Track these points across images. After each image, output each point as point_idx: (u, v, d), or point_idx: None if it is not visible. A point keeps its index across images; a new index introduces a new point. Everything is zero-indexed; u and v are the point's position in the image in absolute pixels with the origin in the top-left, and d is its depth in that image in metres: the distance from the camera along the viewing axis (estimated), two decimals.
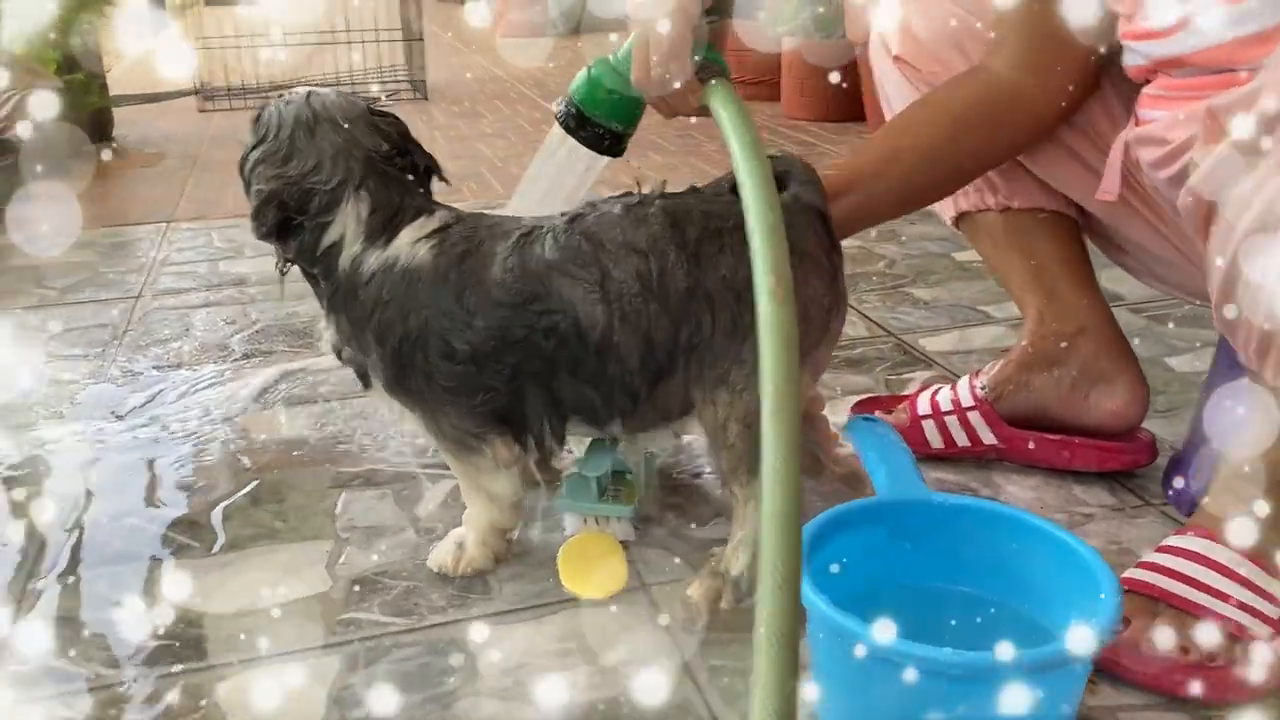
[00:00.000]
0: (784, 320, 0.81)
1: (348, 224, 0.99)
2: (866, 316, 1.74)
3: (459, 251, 0.98)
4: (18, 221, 2.33)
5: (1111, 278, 1.81)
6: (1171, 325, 1.65)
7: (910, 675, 0.69)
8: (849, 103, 3.31)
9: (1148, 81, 0.99)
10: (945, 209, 1.28)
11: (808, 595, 0.74)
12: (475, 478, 1.04)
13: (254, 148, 1.02)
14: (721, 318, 0.95)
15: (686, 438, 1.24)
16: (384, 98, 1.03)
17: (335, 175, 0.99)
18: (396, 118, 1.05)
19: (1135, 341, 1.23)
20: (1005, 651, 0.67)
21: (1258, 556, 0.90)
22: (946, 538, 0.86)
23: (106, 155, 3.13)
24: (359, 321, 1.00)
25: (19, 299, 1.93)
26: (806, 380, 1.03)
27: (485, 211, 1.05)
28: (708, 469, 1.23)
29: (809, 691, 0.84)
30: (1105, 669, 0.88)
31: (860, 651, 0.70)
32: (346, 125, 1.00)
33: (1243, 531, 0.91)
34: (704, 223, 0.96)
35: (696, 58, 1.00)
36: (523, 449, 1.04)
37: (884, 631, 0.70)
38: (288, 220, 1.00)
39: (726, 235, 0.95)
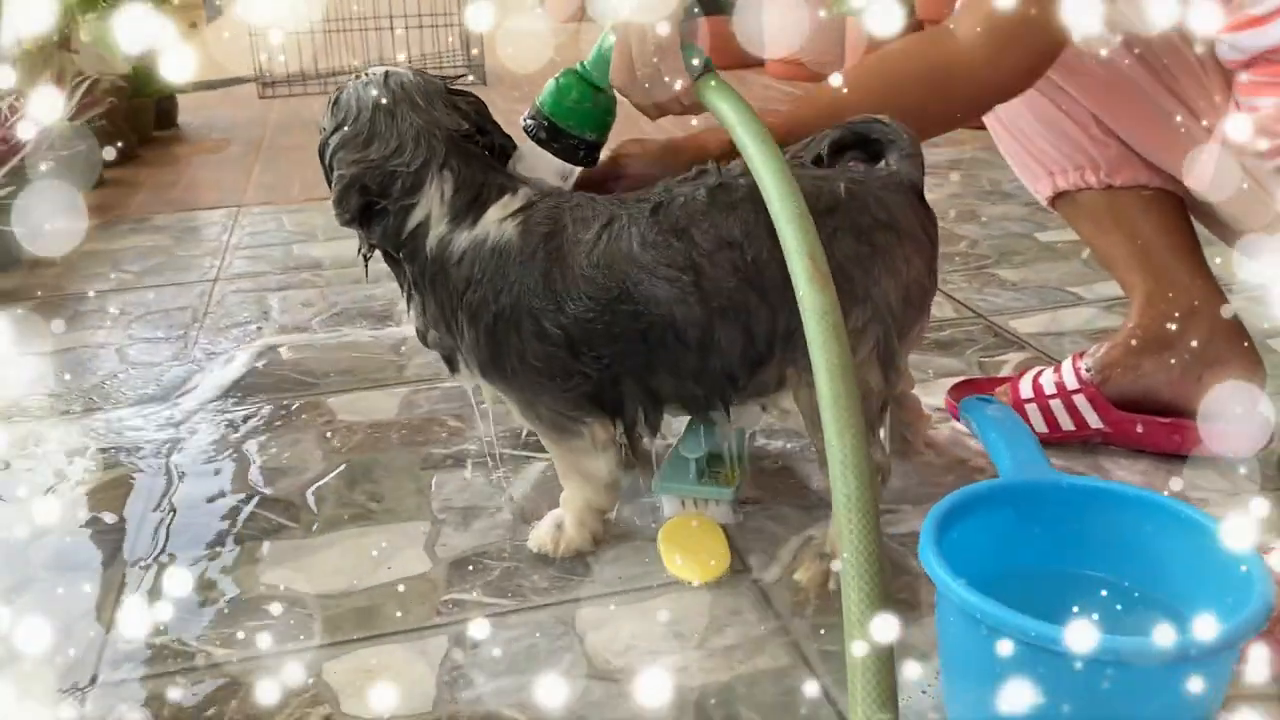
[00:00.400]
0: (827, 304, 0.80)
1: (433, 205, 0.97)
2: (953, 298, 1.70)
3: (544, 231, 0.96)
4: (93, 207, 2.37)
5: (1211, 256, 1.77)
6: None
7: (1053, 660, 0.66)
8: None
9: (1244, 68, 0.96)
10: (1042, 188, 1.24)
11: (942, 579, 0.72)
12: (572, 459, 1.03)
13: (334, 132, 1.00)
14: None
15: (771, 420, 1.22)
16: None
17: (418, 156, 0.97)
18: (475, 96, 1.03)
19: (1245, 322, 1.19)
20: (1164, 637, 0.64)
21: None
22: (1076, 521, 0.83)
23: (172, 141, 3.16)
24: (448, 302, 0.99)
25: (96, 282, 1.95)
26: (903, 361, 1.00)
27: (561, 189, 1.02)
28: (799, 446, 1.21)
29: (935, 680, 0.82)
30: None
31: (1006, 644, 0.67)
32: (426, 105, 0.98)
33: None
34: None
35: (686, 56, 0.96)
36: (614, 427, 1.03)
37: (1032, 619, 0.67)
38: (370, 204, 0.98)
39: (819, 217, 0.90)
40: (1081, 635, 0.66)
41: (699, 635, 0.92)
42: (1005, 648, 0.68)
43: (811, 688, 0.85)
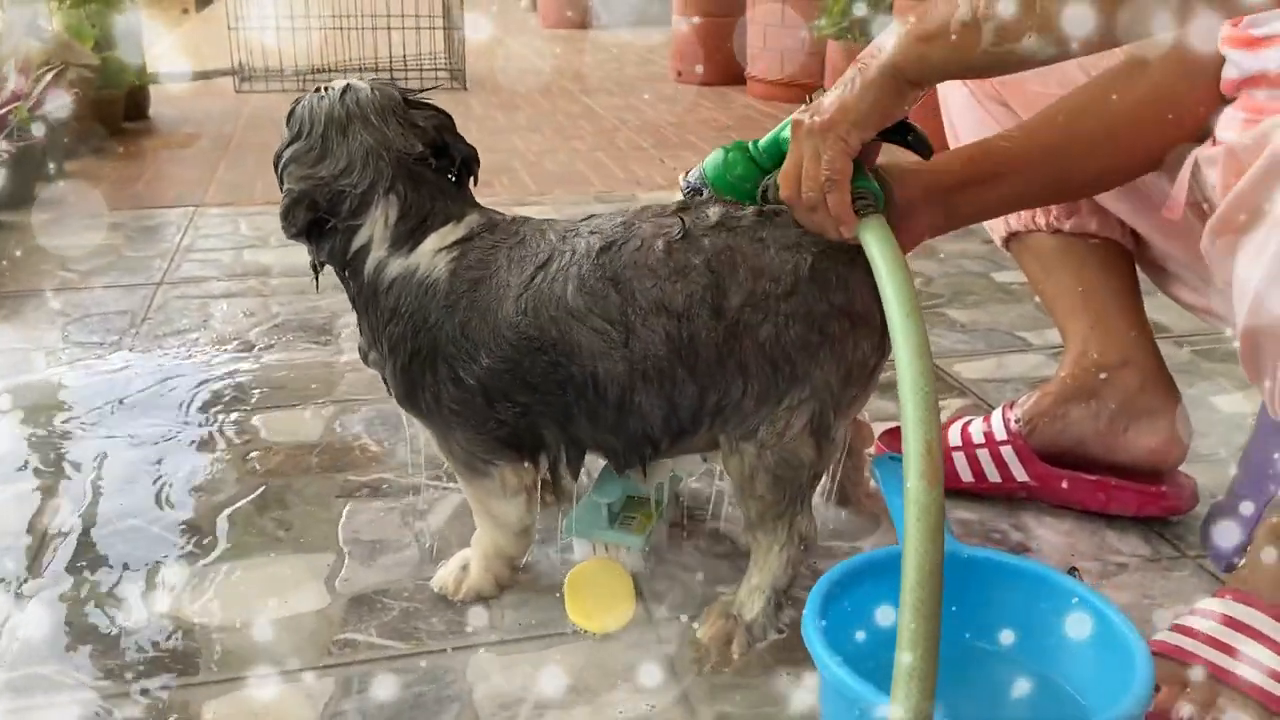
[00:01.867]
0: (933, 504, 0.72)
1: (376, 228, 0.95)
2: None
3: (473, 278, 0.93)
4: (47, 201, 2.34)
5: (1155, 306, 1.76)
6: (1219, 362, 1.59)
7: None
8: None
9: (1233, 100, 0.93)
10: (996, 227, 1.23)
11: (818, 654, 0.70)
12: (483, 500, 1.01)
13: (288, 144, 0.98)
14: (753, 386, 0.90)
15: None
16: (420, 89, 0.99)
17: (365, 178, 0.95)
18: (437, 110, 1.00)
19: (1178, 377, 1.18)
20: None
21: None
22: (973, 591, 0.82)
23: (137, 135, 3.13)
24: (376, 328, 0.97)
25: (43, 280, 1.92)
26: (839, 432, 0.97)
27: (519, 215, 1.00)
28: (728, 499, 1.19)
29: None
30: None
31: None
32: (380, 123, 0.96)
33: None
34: (751, 285, 0.89)
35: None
36: (535, 469, 1.01)
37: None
38: (320, 220, 0.97)
39: (773, 302, 0.88)
40: None
41: (591, 690, 0.90)
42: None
43: None
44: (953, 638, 0.82)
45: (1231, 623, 0.87)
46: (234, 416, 1.39)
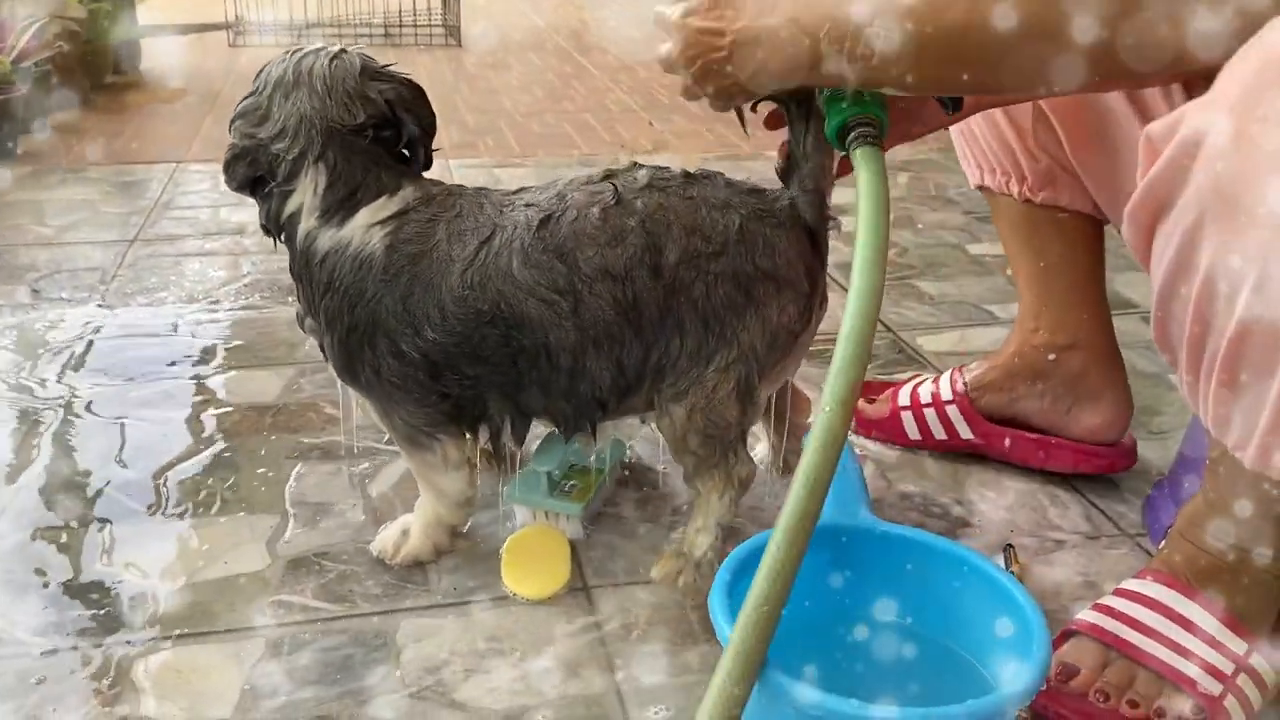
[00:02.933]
0: (836, 429, 0.72)
1: (305, 196, 0.96)
2: None
3: (412, 252, 0.93)
4: (27, 155, 2.33)
5: (1126, 282, 1.76)
6: None
7: None
8: None
9: None
10: (971, 175, 1.22)
11: (722, 629, 0.71)
12: (425, 471, 1.02)
13: (244, 99, 0.99)
14: (688, 342, 0.92)
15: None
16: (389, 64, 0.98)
17: (296, 145, 0.95)
18: (400, 83, 0.99)
19: (1142, 354, 1.18)
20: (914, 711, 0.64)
21: (1217, 607, 0.85)
22: (889, 568, 0.83)
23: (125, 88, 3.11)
24: (312, 300, 0.97)
25: (16, 234, 1.92)
26: (763, 396, 0.98)
27: (455, 186, 1.00)
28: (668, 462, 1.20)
29: None
30: (1047, 717, 0.84)
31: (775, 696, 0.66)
32: (323, 91, 0.95)
33: (1204, 579, 0.86)
34: (685, 243, 0.91)
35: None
36: (475, 440, 1.02)
37: (803, 683, 0.66)
38: (261, 180, 0.97)
39: (704, 261, 0.91)
40: (841, 702, 0.65)
41: (519, 654, 0.91)
42: (772, 705, 0.68)
43: (614, 718, 0.84)
44: (862, 614, 0.84)
45: (1152, 604, 0.87)
46: (193, 376, 1.40)
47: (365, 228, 0.94)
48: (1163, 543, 0.92)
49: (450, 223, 0.94)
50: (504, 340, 0.93)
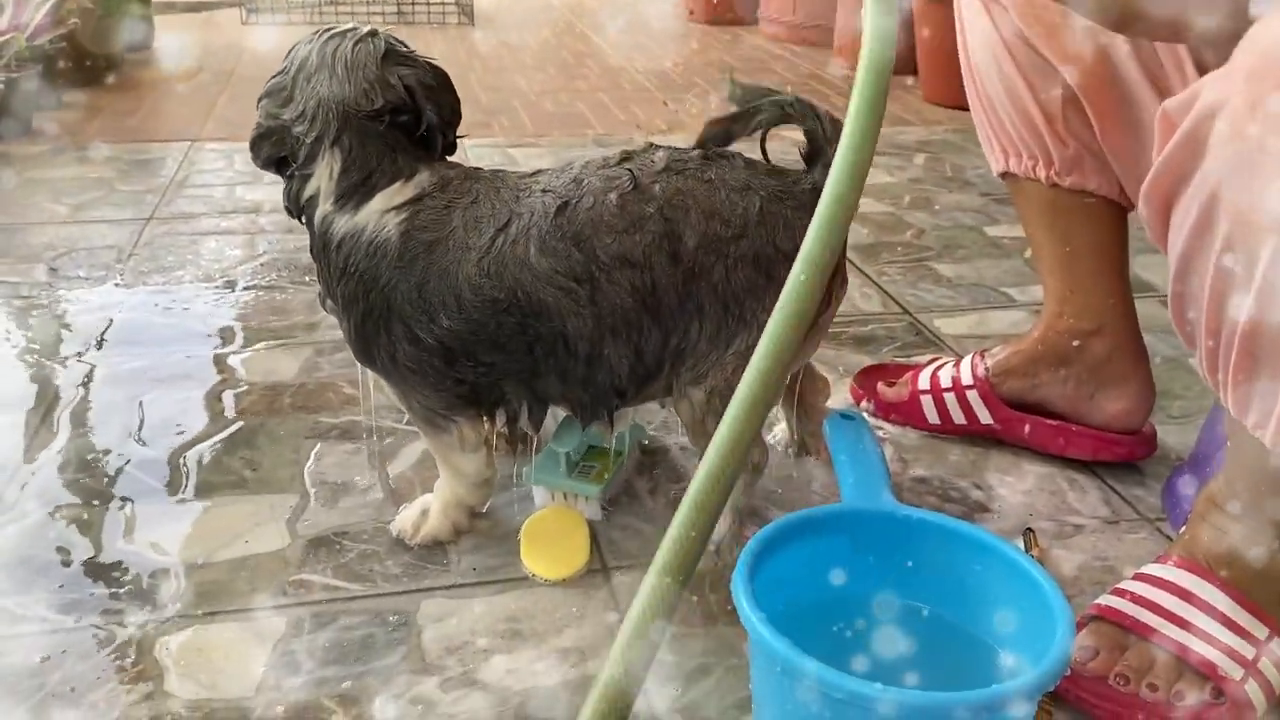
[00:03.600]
0: (788, 337, 0.70)
1: (322, 180, 0.95)
2: (884, 290, 1.68)
3: (428, 240, 0.93)
4: (42, 133, 2.33)
5: (1144, 265, 1.74)
6: None
7: (838, 707, 0.66)
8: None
9: None
10: (995, 161, 1.21)
11: (744, 611, 0.71)
12: (443, 452, 1.02)
13: (273, 77, 0.99)
14: (708, 326, 0.92)
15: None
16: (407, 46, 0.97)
17: (314, 129, 0.95)
18: (423, 69, 0.98)
19: (1162, 338, 1.18)
20: (937, 692, 0.64)
21: (1237, 591, 0.85)
22: (910, 552, 0.82)
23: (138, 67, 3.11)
24: (329, 283, 0.98)
25: (33, 212, 1.92)
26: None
27: (473, 169, 0.99)
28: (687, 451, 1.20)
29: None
30: (1066, 700, 0.84)
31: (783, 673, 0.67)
32: (344, 75, 0.95)
33: (1224, 563, 0.86)
34: (704, 228, 0.90)
35: None
36: (493, 424, 1.03)
37: (812, 660, 0.66)
38: (285, 160, 0.97)
39: (724, 245, 0.90)
40: (865, 685, 0.65)
41: (538, 635, 0.92)
42: (791, 689, 0.68)
43: (636, 703, 0.84)
44: (883, 598, 0.84)
45: (1172, 588, 0.87)
46: (212, 355, 1.40)
47: (380, 213, 0.94)
48: (1184, 527, 0.92)
49: (466, 209, 0.94)
50: (521, 328, 0.92)
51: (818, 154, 0.95)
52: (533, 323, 0.92)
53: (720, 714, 0.83)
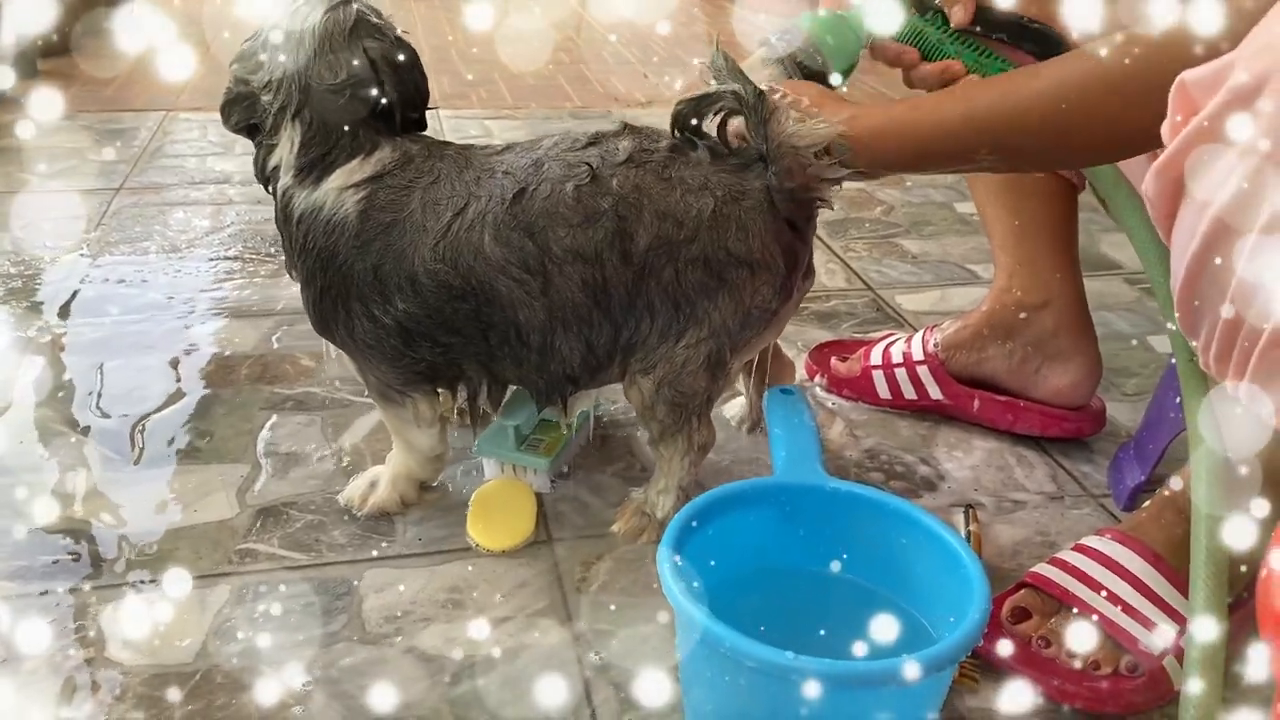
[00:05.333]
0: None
1: (284, 152, 0.95)
2: (849, 266, 1.69)
3: (386, 220, 0.93)
4: (14, 101, 2.32)
5: (1112, 243, 1.75)
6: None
7: (753, 676, 0.67)
8: None
9: None
10: None
11: (666, 582, 0.72)
12: (398, 425, 1.03)
13: (246, 40, 0.98)
14: (659, 322, 0.92)
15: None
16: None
17: (278, 100, 0.94)
18: (392, 42, 0.97)
19: (1122, 315, 1.18)
20: (841, 661, 0.65)
21: (1170, 569, 0.86)
22: (838, 525, 0.84)
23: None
24: (291, 255, 0.98)
25: (2, 182, 1.92)
26: (735, 366, 0.98)
27: (438, 144, 0.97)
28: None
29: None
30: (990, 664, 0.86)
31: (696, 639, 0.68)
32: (317, 47, 0.94)
33: (1175, 549, 0.87)
34: (657, 229, 0.89)
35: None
36: (454, 398, 1.03)
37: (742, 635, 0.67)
38: (255, 126, 0.97)
39: (675, 247, 0.90)
40: (778, 654, 0.66)
41: (478, 605, 0.93)
42: (709, 657, 0.69)
43: (570, 670, 0.86)
44: (811, 569, 0.85)
45: (1104, 560, 0.89)
46: (174, 326, 1.40)
47: (338, 190, 0.94)
48: (1147, 503, 0.93)
49: (426, 190, 0.93)
50: (475, 314, 0.93)
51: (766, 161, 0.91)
52: (486, 310, 0.92)
53: (658, 683, 0.84)
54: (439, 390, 1.02)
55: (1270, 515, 0.82)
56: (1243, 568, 0.76)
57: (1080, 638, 0.85)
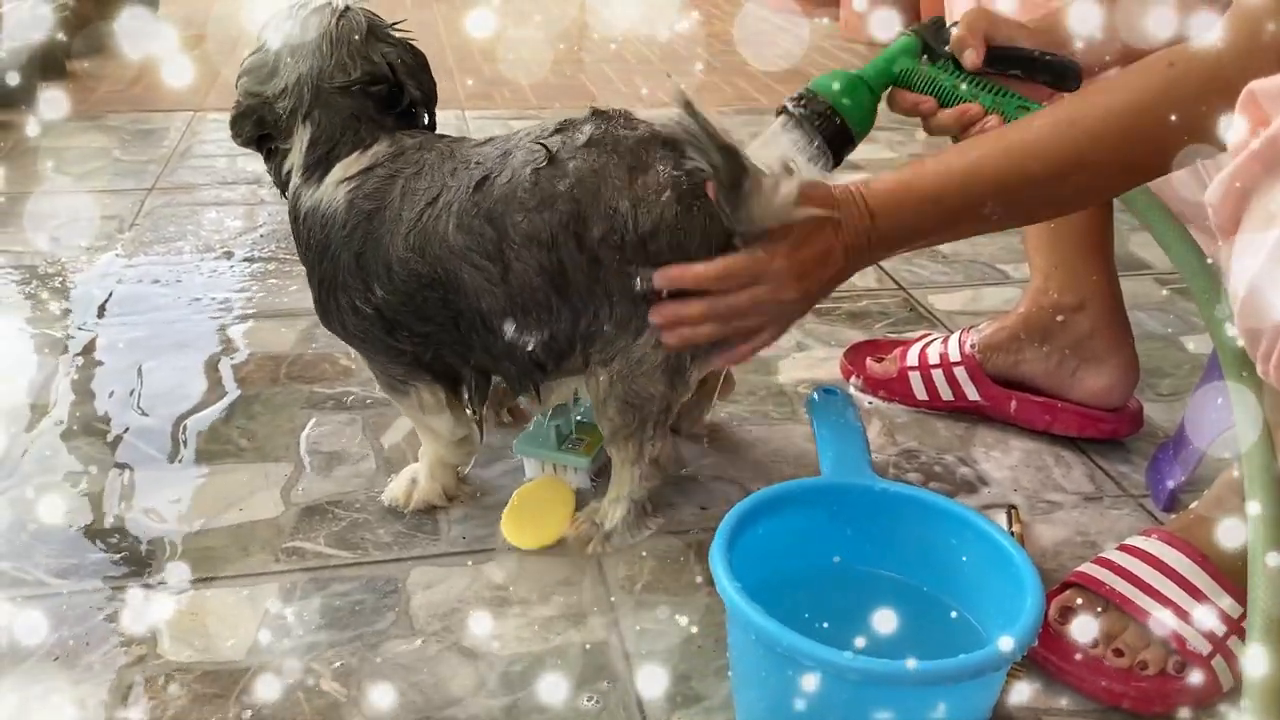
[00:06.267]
0: None
1: (295, 155, 0.97)
2: (879, 266, 1.68)
3: (368, 209, 0.94)
4: (45, 101, 2.34)
5: (1141, 243, 1.75)
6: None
7: (809, 675, 0.67)
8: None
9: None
10: None
11: (721, 581, 0.72)
12: (413, 414, 1.04)
13: (251, 53, 1.00)
14: (617, 312, 0.91)
15: None
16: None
17: (290, 103, 0.96)
18: (404, 46, 0.99)
19: (1154, 316, 1.18)
20: (904, 661, 0.65)
21: (1217, 570, 0.86)
22: (886, 525, 0.84)
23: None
24: (300, 255, 1.00)
25: (36, 182, 1.93)
26: (694, 375, 0.96)
27: (433, 137, 0.98)
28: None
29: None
30: (1036, 663, 0.86)
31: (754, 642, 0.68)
32: (328, 50, 0.95)
33: (1209, 543, 0.87)
34: (609, 221, 0.87)
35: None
36: (457, 394, 1.04)
37: (786, 628, 0.68)
38: (266, 136, 0.99)
39: (626, 249, 0.88)
40: (834, 653, 0.67)
41: (524, 602, 0.94)
42: (764, 656, 0.70)
43: (618, 665, 0.87)
44: (862, 569, 0.86)
45: (1151, 560, 0.89)
46: (211, 325, 1.41)
47: (335, 184, 0.96)
48: (1194, 504, 0.93)
49: (408, 180, 0.94)
50: (444, 303, 0.93)
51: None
52: (453, 298, 0.93)
53: (702, 682, 0.85)
54: (438, 382, 1.02)
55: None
56: None
57: (1128, 638, 0.85)
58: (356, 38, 0.97)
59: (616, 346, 0.92)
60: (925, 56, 0.95)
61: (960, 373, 1.22)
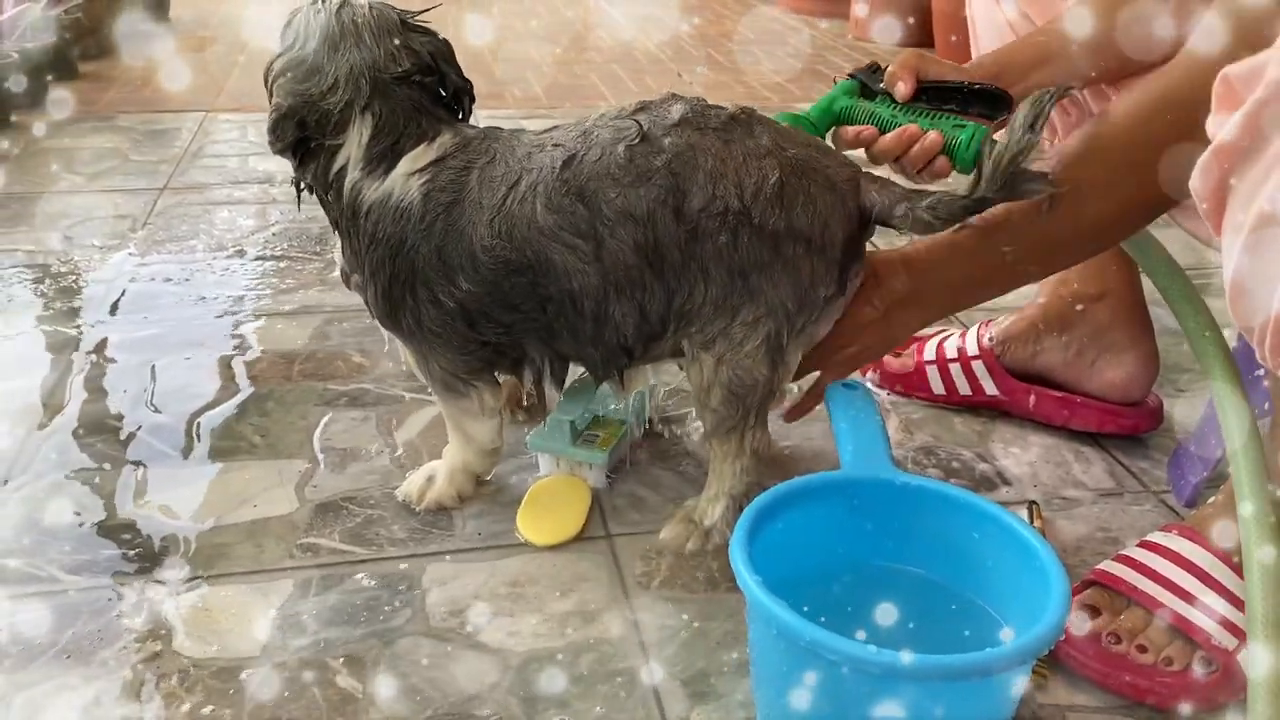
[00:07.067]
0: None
1: (352, 148, 0.95)
2: None
3: (446, 201, 0.93)
4: (58, 102, 2.35)
5: (1161, 238, 1.73)
6: (1214, 297, 1.56)
7: (831, 670, 0.66)
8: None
9: None
10: None
11: (741, 574, 0.72)
12: (458, 418, 1.03)
13: (279, 56, 0.98)
14: (713, 290, 0.90)
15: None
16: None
17: (345, 96, 0.94)
18: (434, 35, 0.99)
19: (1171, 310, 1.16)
20: (919, 655, 0.64)
21: (1241, 567, 0.85)
22: (906, 519, 0.83)
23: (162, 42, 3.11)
24: (359, 253, 0.98)
25: (49, 182, 1.94)
26: (794, 356, 0.96)
27: (492, 129, 0.98)
28: (692, 420, 1.20)
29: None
30: (1060, 660, 0.85)
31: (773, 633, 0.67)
32: (373, 42, 0.95)
33: (1230, 538, 0.86)
34: (711, 190, 0.88)
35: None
36: (521, 383, 1.03)
37: (808, 621, 0.67)
38: (306, 139, 0.96)
39: (729, 216, 0.88)
40: (859, 647, 0.66)
41: (540, 598, 0.93)
42: (787, 650, 0.69)
43: (635, 662, 0.86)
44: (882, 563, 0.85)
45: (1173, 556, 0.88)
46: (223, 323, 1.41)
47: (405, 177, 0.94)
48: (1213, 498, 0.92)
49: (483, 169, 0.94)
50: (532, 288, 0.93)
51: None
52: (542, 281, 0.92)
53: (721, 678, 0.84)
54: (500, 379, 1.02)
55: None
56: None
57: (1151, 634, 0.84)
58: (396, 29, 0.96)
59: (716, 327, 0.91)
60: (863, 96, 1.00)
61: (978, 367, 1.21)
